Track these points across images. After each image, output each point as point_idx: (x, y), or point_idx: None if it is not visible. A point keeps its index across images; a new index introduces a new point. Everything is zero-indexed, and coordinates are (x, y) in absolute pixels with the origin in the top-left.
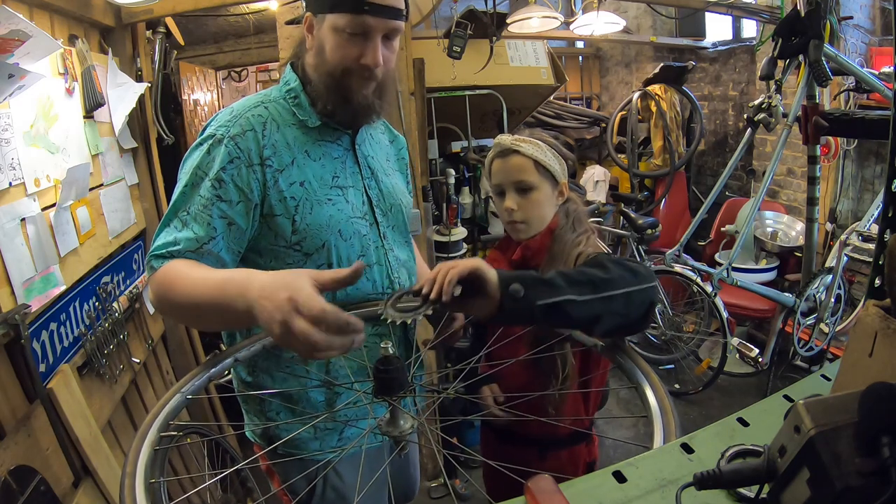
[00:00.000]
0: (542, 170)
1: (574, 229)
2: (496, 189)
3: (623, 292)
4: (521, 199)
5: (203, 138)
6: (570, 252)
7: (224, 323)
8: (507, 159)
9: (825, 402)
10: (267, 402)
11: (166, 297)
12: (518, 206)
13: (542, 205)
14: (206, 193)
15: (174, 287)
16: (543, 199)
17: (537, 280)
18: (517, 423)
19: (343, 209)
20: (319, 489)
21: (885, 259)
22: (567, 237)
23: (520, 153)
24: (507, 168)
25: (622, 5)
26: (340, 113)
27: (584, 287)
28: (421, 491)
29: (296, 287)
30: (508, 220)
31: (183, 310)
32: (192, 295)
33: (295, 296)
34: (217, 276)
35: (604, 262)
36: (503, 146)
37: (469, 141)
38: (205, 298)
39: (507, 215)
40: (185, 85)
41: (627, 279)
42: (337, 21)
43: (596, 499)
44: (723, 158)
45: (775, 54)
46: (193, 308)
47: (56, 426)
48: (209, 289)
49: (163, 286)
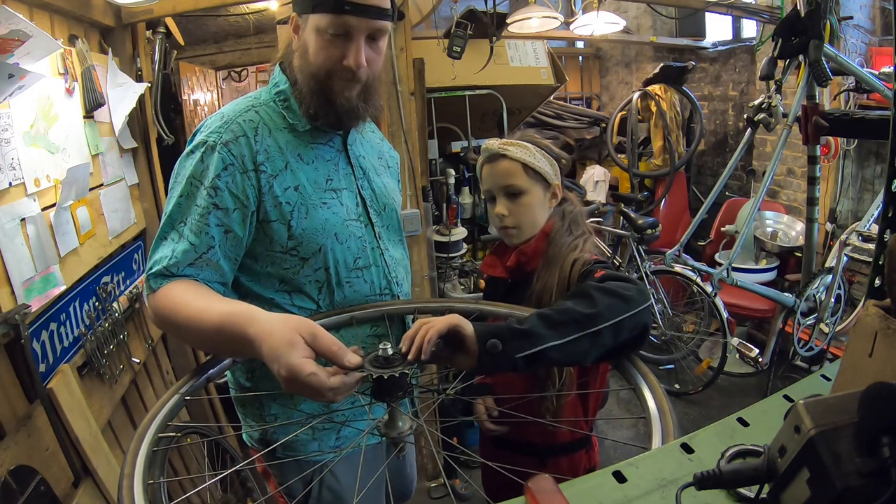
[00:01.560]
0: (532, 173)
1: (570, 232)
2: (487, 195)
3: (611, 324)
4: (511, 205)
5: (195, 146)
6: (566, 256)
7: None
8: (495, 164)
9: (825, 402)
10: (266, 406)
11: (168, 321)
12: (509, 211)
13: (534, 209)
14: (202, 203)
15: (175, 315)
16: (535, 202)
17: (515, 332)
18: (516, 430)
19: (338, 212)
20: (315, 491)
21: (885, 259)
22: (563, 240)
23: (507, 157)
24: (496, 173)
25: (622, 5)
26: (324, 116)
27: (566, 328)
28: (421, 491)
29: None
30: (500, 226)
31: (184, 339)
32: (192, 328)
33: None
34: (215, 313)
35: (590, 293)
36: (491, 151)
37: (469, 141)
38: (205, 335)
39: (498, 221)
40: (185, 85)
41: (616, 308)
42: (319, 22)
43: (596, 499)
44: (723, 158)
45: (775, 54)
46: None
47: (56, 426)
48: (208, 328)
49: (164, 311)
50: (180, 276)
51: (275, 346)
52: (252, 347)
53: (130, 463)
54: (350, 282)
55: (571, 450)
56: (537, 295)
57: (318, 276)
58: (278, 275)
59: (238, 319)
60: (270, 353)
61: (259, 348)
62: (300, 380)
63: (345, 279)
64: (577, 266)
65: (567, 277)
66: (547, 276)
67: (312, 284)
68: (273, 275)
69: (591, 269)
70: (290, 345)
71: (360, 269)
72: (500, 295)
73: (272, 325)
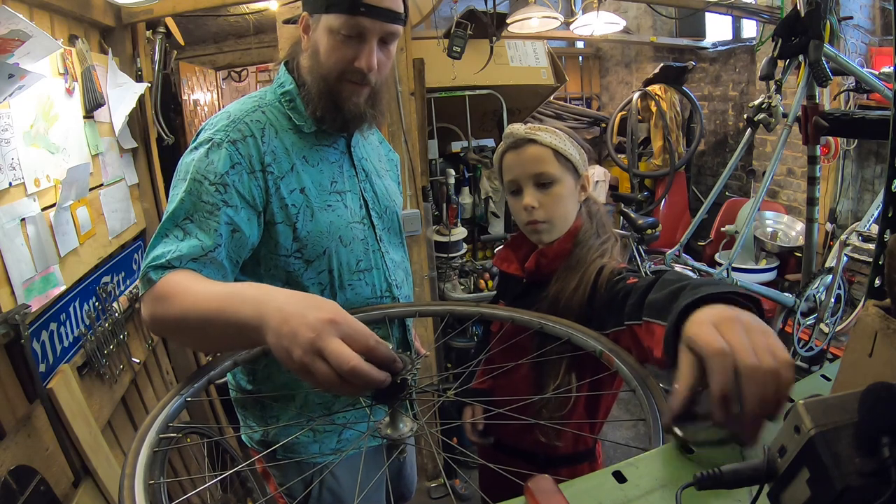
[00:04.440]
0: (563, 160)
1: (598, 234)
2: (511, 186)
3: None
4: (541, 195)
5: (200, 143)
6: (593, 261)
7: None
8: (521, 150)
9: (825, 402)
10: (267, 407)
11: (164, 310)
12: (539, 202)
13: (566, 200)
14: (210, 199)
15: (174, 300)
16: (566, 193)
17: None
18: (514, 437)
19: (342, 215)
20: (315, 492)
21: (885, 259)
22: (591, 243)
23: (537, 142)
24: (523, 160)
25: (622, 5)
26: (330, 119)
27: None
28: (421, 491)
29: (334, 309)
30: (528, 220)
31: (181, 325)
32: (194, 308)
33: (336, 317)
34: (223, 287)
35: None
36: (516, 136)
37: (469, 141)
38: (208, 311)
39: (525, 214)
40: (185, 85)
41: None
42: (332, 22)
43: (596, 499)
44: (723, 158)
45: (775, 54)
46: (193, 322)
47: (56, 426)
48: (214, 301)
49: (160, 299)
50: (183, 269)
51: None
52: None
53: (131, 463)
54: (352, 284)
55: (573, 461)
56: (552, 298)
57: (322, 279)
58: (281, 277)
59: (246, 289)
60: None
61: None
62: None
63: (347, 282)
64: (605, 273)
65: (590, 283)
66: (567, 279)
67: (315, 287)
68: (276, 277)
69: (623, 277)
70: (318, 308)
71: (361, 271)
72: (514, 295)
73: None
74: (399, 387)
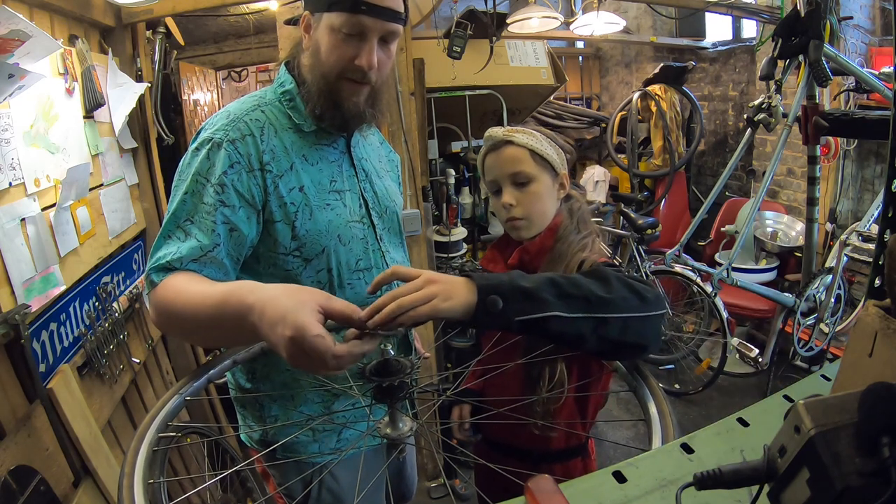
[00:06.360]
0: (540, 159)
1: (579, 230)
2: (492, 186)
3: (620, 317)
4: (518, 193)
5: (200, 143)
6: (574, 255)
7: (228, 341)
8: (500, 152)
9: (825, 402)
10: (267, 407)
11: (167, 313)
12: (516, 200)
13: (543, 198)
14: (208, 200)
15: (175, 302)
16: (543, 191)
17: (519, 292)
18: (508, 434)
19: (342, 214)
20: (315, 492)
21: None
22: (571, 238)
23: (513, 143)
24: (501, 161)
25: (622, 5)
26: (330, 118)
27: (575, 302)
28: (421, 491)
29: (297, 325)
30: (507, 218)
31: (185, 326)
32: (193, 311)
33: (297, 336)
34: (217, 291)
35: (608, 277)
36: (495, 138)
37: (469, 141)
38: (206, 315)
39: (505, 212)
40: (185, 85)
41: (631, 304)
42: (333, 20)
43: (596, 499)
44: (723, 158)
45: (775, 54)
46: (195, 324)
47: (56, 426)
48: (208, 306)
49: (163, 302)
50: (183, 270)
51: (281, 308)
52: (251, 318)
53: (130, 462)
54: (351, 283)
55: (565, 457)
56: None
57: (321, 278)
58: (280, 275)
59: (241, 290)
60: (274, 316)
61: (260, 316)
62: (305, 340)
63: (346, 281)
64: (586, 266)
65: None
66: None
67: (314, 286)
68: (275, 275)
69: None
70: (301, 304)
71: (361, 270)
72: None
73: (278, 291)
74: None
